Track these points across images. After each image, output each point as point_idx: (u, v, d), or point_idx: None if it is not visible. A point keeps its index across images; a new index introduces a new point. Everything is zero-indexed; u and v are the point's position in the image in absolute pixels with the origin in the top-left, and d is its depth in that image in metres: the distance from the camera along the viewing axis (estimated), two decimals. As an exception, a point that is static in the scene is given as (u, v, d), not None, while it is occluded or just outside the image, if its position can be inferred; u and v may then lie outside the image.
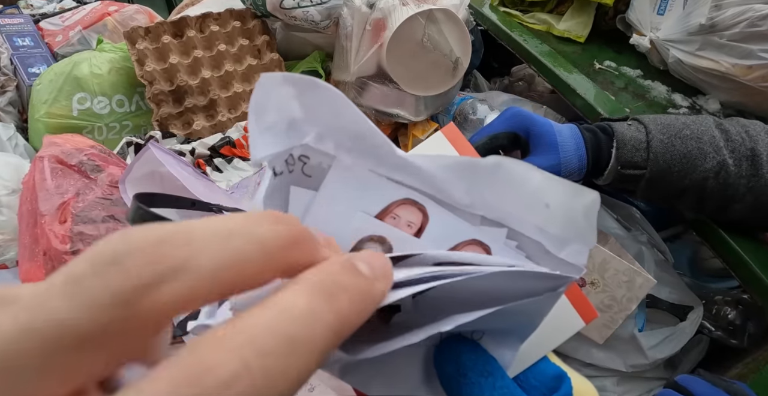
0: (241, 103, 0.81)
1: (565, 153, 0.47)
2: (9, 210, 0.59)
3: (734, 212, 0.49)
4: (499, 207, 0.19)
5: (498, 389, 0.18)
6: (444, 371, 0.19)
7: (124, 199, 0.50)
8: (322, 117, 0.19)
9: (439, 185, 0.19)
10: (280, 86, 0.18)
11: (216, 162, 0.68)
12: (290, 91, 0.18)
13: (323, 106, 0.18)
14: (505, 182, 0.18)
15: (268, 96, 0.18)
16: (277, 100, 0.18)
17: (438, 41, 0.68)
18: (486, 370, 0.19)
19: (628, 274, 0.47)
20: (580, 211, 0.17)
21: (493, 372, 0.19)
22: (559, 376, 0.21)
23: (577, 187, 0.18)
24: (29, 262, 0.50)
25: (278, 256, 0.11)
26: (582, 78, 0.71)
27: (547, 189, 0.18)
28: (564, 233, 0.18)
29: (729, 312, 0.64)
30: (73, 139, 0.57)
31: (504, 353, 0.20)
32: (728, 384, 0.35)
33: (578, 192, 0.17)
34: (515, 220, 0.19)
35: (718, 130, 0.48)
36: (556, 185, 0.18)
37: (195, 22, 0.80)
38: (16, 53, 0.89)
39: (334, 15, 0.75)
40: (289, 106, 0.18)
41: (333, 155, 0.19)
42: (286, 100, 0.18)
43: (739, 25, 0.63)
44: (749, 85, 0.65)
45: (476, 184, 0.19)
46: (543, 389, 0.20)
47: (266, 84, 0.18)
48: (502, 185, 0.18)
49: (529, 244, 0.19)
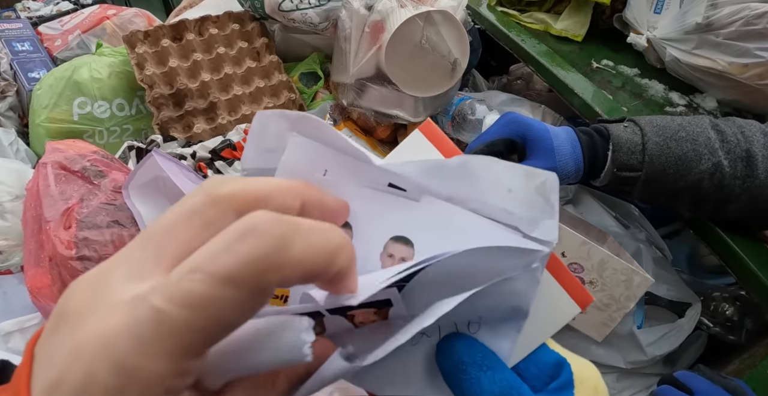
0: (241, 106, 0.81)
1: (561, 157, 0.48)
2: (13, 216, 0.60)
3: (730, 212, 0.50)
4: (471, 198, 0.21)
5: (497, 382, 0.19)
6: (445, 368, 0.20)
7: (127, 204, 0.51)
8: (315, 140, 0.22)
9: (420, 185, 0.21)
10: (275, 121, 0.21)
11: (217, 165, 0.68)
12: (284, 125, 0.21)
13: (313, 132, 0.21)
14: (472, 176, 0.20)
15: (266, 128, 0.21)
16: (275, 131, 0.21)
17: (436, 42, 0.68)
18: (484, 364, 0.19)
19: (626, 273, 0.47)
20: (536, 191, 0.19)
21: (491, 365, 0.19)
22: (559, 363, 0.21)
23: (530, 170, 0.19)
24: (35, 268, 0.51)
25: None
26: (579, 77, 0.71)
27: (507, 176, 0.20)
28: (529, 213, 0.19)
29: (727, 308, 0.65)
30: (75, 145, 0.57)
31: (501, 344, 0.20)
32: (727, 381, 0.36)
33: (531, 174, 0.19)
34: (487, 208, 0.20)
35: (713, 131, 0.49)
36: (514, 171, 0.20)
37: (194, 25, 0.80)
38: (15, 58, 0.89)
39: (333, 17, 0.75)
40: (286, 137, 0.21)
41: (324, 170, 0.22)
42: (283, 132, 0.21)
43: (735, 23, 0.64)
44: (745, 83, 0.66)
45: (448, 181, 0.21)
46: (543, 377, 0.21)
47: (262, 118, 0.21)
48: (470, 179, 0.20)
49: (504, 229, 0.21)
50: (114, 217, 0.49)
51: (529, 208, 0.19)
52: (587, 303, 0.21)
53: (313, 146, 0.21)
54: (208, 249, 0.13)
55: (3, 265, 0.60)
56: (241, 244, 0.13)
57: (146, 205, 0.50)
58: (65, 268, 0.48)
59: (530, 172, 0.19)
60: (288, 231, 0.13)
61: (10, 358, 0.47)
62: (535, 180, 0.19)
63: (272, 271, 0.13)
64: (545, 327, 0.21)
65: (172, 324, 0.12)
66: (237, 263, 0.12)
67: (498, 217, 0.20)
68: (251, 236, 0.13)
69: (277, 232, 0.13)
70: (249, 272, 0.13)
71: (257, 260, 0.13)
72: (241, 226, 0.13)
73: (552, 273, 0.21)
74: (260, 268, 0.13)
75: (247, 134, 0.21)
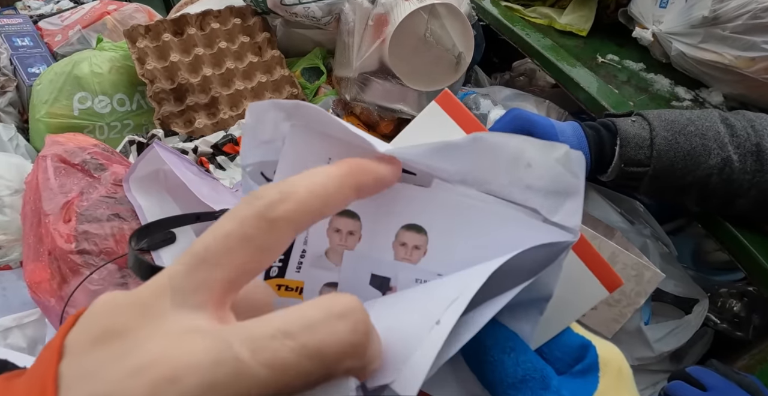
0: (243, 101, 0.80)
1: None
2: (12, 210, 0.59)
3: (738, 207, 0.49)
4: (486, 179, 0.19)
5: (521, 364, 0.19)
6: (467, 352, 0.19)
7: (128, 197, 0.50)
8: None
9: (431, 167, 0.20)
10: (269, 111, 0.20)
11: (219, 160, 0.68)
12: (280, 115, 0.20)
13: (311, 121, 0.20)
14: (486, 153, 0.19)
15: (261, 120, 0.20)
16: (271, 122, 0.20)
17: (440, 36, 0.68)
18: (508, 346, 0.19)
19: (637, 268, 0.47)
20: (559, 163, 0.18)
21: (515, 347, 0.19)
22: (584, 346, 0.21)
23: (548, 143, 0.18)
24: (34, 262, 0.50)
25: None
26: (585, 71, 0.71)
27: (525, 150, 0.18)
28: (552, 186, 0.18)
29: (734, 304, 0.64)
30: (75, 138, 0.56)
31: (523, 327, 0.20)
32: (740, 377, 0.35)
33: (552, 146, 0.18)
34: (504, 189, 0.19)
35: (723, 125, 0.48)
36: (532, 144, 0.18)
37: (195, 19, 0.79)
38: (15, 53, 0.88)
39: (336, 11, 0.75)
40: (283, 127, 0.20)
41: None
42: (279, 122, 0.20)
43: (742, 17, 0.63)
44: (752, 77, 0.65)
45: (460, 162, 0.19)
46: (567, 359, 0.20)
47: (256, 110, 0.20)
48: (484, 156, 0.19)
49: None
50: (114, 211, 0.49)
51: (553, 181, 0.18)
52: (616, 286, 0.20)
53: (314, 134, 0.20)
54: (305, 316, 0.13)
55: (2, 260, 0.59)
56: (339, 324, 0.13)
57: (147, 198, 0.50)
58: (64, 261, 0.47)
59: (551, 145, 0.18)
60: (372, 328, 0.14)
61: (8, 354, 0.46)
62: (556, 152, 0.18)
63: (351, 359, 0.13)
64: (571, 310, 0.21)
65: (250, 380, 0.12)
66: (332, 343, 0.13)
67: (516, 199, 0.19)
68: (349, 320, 0.13)
69: (369, 325, 0.13)
70: (336, 353, 0.13)
71: (348, 346, 0.13)
72: (339, 305, 0.13)
73: (580, 255, 0.21)
74: (345, 354, 0.13)
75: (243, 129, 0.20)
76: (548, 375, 0.19)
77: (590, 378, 0.20)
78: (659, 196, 0.51)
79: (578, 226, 0.18)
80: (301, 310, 0.13)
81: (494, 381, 0.19)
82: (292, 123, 0.20)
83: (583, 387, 0.20)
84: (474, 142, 0.19)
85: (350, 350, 0.13)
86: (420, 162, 0.20)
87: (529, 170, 0.18)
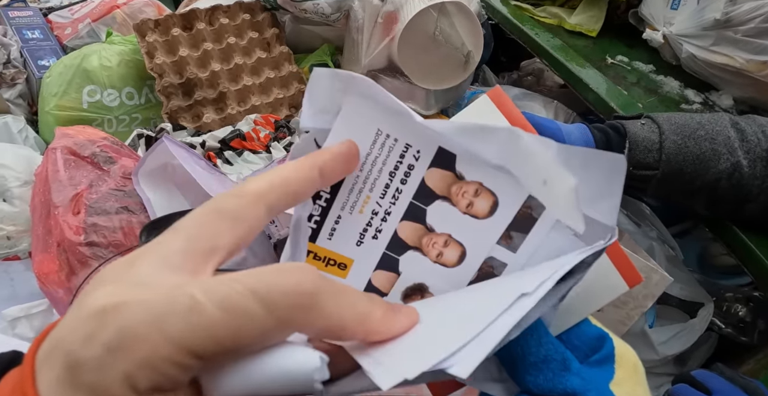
0: (251, 96, 0.80)
1: None
2: (21, 202, 0.60)
3: (748, 212, 0.49)
4: (523, 172, 0.20)
5: (544, 344, 0.19)
6: None
7: (137, 190, 0.50)
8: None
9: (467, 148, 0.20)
10: (328, 80, 0.21)
11: (226, 155, 0.68)
12: (336, 85, 0.21)
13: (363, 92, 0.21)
14: (519, 151, 0.19)
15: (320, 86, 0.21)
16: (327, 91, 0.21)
17: (450, 34, 0.67)
18: (530, 327, 0.19)
19: (645, 271, 0.46)
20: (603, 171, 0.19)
21: (537, 328, 0.19)
22: (601, 337, 0.21)
23: (592, 150, 0.19)
24: (42, 254, 0.50)
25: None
26: (594, 72, 0.71)
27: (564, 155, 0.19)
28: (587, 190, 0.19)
29: (739, 309, 0.64)
30: (85, 131, 0.57)
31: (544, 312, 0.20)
32: (746, 381, 0.35)
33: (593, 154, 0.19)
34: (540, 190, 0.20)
35: (733, 129, 0.48)
36: (570, 151, 0.19)
37: (204, 14, 0.79)
38: (25, 46, 0.89)
39: (345, 8, 0.74)
40: (338, 98, 0.21)
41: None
42: (335, 92, 0.21)
43: (754, 20, 0.63)
44: (763, 81, 0.65)
45: (498, 149, 0.20)
46: (585, 349, 0.21)
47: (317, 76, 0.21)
48: (518, 154, 0.19)
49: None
50: (123, 203, 0.49)
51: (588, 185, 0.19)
52: (636, 282, 0.21)
53: (367, 105, 0.21)
54: (257, 270, 0.14)
55: (11, 250, 0.60)
56: (287, 275, 0.14)
57: (156, 191, 0.50)
58: (73, 253, 0.47)
59: (592, 152, 0.19)
60: (325, 287, 0.15)
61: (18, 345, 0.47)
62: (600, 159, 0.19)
63: (302, 310, 0.14)
64: (591, 301, 0.21)
65: (200, 317, 0.13)
66: (277, 290, 0.14)
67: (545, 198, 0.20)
68: (298, 274, 0.14)
69: (319, 284, 0.14)
70: (283, 302, 0.14)
71: (294, 295, 0.14)
72: (288, 265, 0.15)
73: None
74: (294, 303, 0.14)
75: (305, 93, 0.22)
76: (569, 358, 0.19)
77: (606, 368, 0.20)
78: (667, 200, 0.51)
79: (615, 225, 0.19)
80: (256, 269, 0.14)
81: (515, 360, 0.19)
82: (347, 98, 0.21)
83: (600, 375, 0.20)
84: (510, 135, 0.19)
85: (297, 301, 0.14)
86: (455, 138, 0.20)
87: (545, 186, 0.19)
